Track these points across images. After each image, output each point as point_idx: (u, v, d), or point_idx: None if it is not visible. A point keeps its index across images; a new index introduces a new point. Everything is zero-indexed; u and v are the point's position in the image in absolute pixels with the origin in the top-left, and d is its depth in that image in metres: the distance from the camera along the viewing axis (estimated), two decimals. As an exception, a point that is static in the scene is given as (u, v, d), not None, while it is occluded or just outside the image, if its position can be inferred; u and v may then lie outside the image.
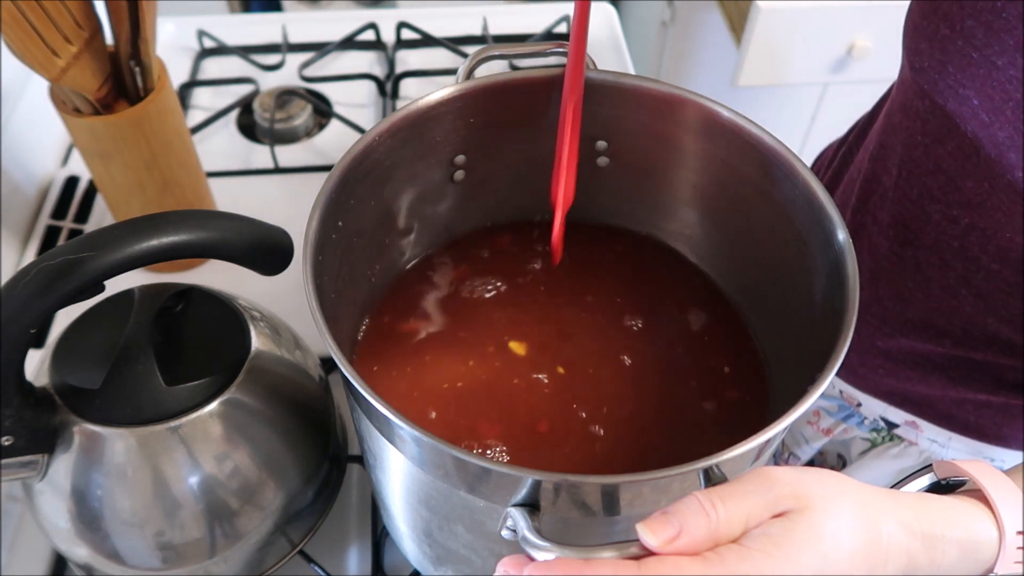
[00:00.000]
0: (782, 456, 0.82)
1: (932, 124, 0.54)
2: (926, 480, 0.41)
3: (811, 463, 0.82)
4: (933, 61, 0.51)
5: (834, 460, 0.79)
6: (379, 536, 0.58)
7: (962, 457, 0.67)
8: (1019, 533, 0.37)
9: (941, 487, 0.41)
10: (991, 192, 0.51)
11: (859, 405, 0.71)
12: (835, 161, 0.73)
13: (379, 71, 0.95)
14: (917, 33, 0.53)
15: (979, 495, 0.38)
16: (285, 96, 0.87)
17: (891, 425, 0.70)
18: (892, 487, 0.40)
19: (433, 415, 0.50)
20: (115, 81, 0.62)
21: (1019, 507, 0.37)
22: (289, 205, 0.79)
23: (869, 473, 0.73)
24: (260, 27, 0.99)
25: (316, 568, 0.56)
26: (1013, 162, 0.48)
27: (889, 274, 0.61)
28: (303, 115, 0.87)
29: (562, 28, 0.99)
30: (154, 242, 0.41)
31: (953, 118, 0.51)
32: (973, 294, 0.57)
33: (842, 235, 0.42)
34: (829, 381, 0.37)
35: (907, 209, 0.58)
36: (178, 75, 0.92)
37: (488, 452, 0.48)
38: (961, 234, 0.55)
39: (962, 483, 0.41)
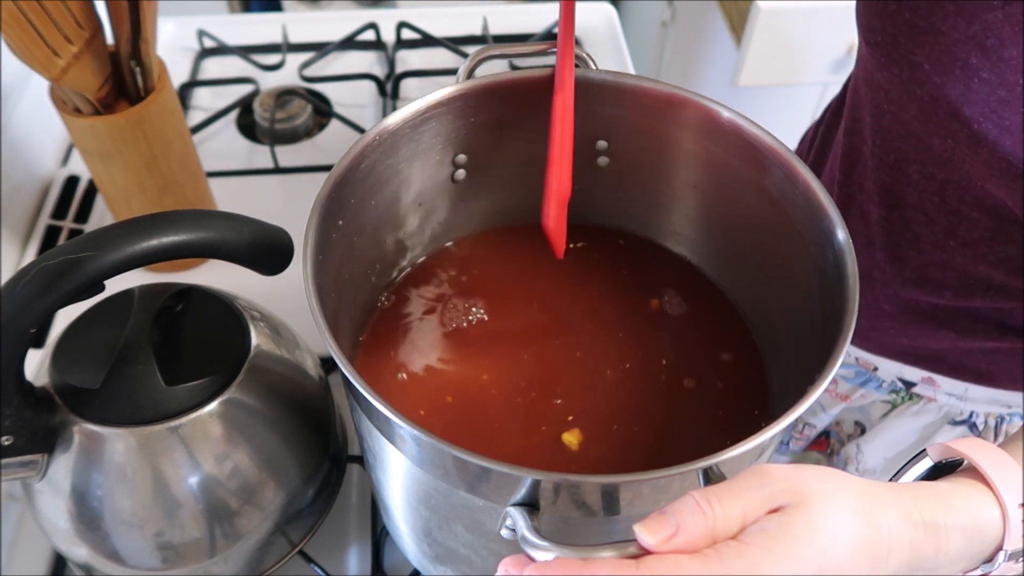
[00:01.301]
0: (796, 427, 0.82)
1: (893, 92, 0.56)
2: (923, 466, 0.41)
3: (826, 433, 0.83)
4: (885, 35, 0.55)
5: (851, 428, 0.80)
6: (379, 536, 0.58)
7: (981, 407, 0.69)
8: (1021, 506, 0.37)
9: (939, 469, 0.41)
10: (955, 147, 0.53)
11: (875, 369, 0.73)
12: (816, 141, 0.76)
13: (379, 71, 0.95)
14: (868, 11, 0.56)
15: (977, 474, 0.38)
16: (285, 96, 0.87)
17: (908, 384, 0.72)
18: (891, 479, 0.40)
19: (432, 414, 0.50)
20: (115, 81, 0.62)
21: (1018, 481, 0.37)
22: (289, 205, 0.79)
23: (892, 434, 0.75)
24: (260, 27, 0.99)
25: (316, 568, 0.56)
26: (968, 115, 0.51)
27: (882, 238, 0.63)
28: (303, 115, 0.87)
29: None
30: (154, 242, 0.41)
31: (910, 84, 0.54)
32: (960, 244, 0.59)
33: (842, 235, 0.42)
34: (829, 381, 0.37)
35: (888, 174, 0.61)
36: (178, 75, 0.92)
37: (486, 452, 0.48)
38: (939, 189, 0.57)
39: (960, 463, 0.40)
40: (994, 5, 0.48)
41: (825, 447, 0.85)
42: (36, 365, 0.49)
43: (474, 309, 0.56)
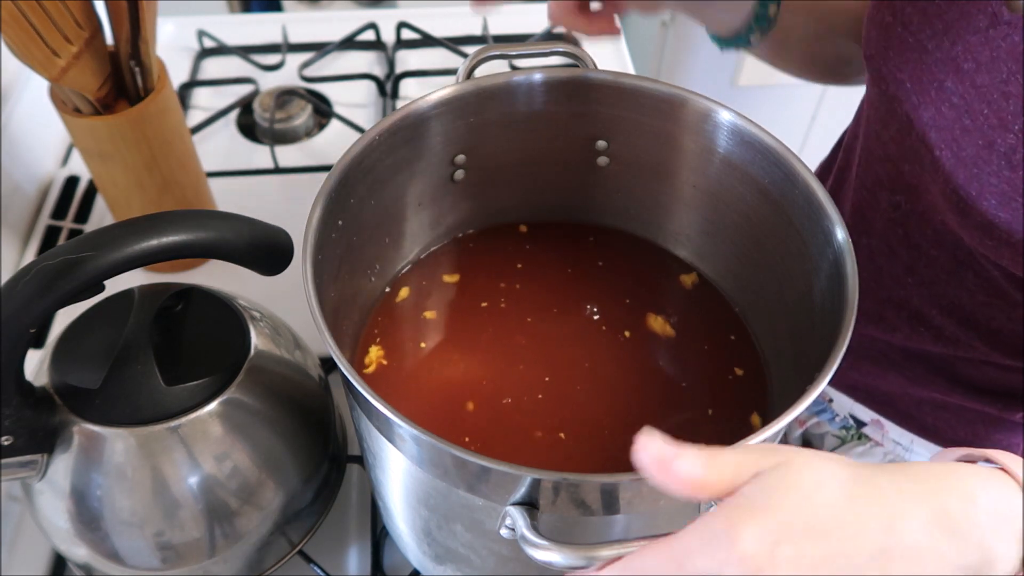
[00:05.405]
0: None
1: (881, 110, 0.56)
2: None
3: None
4: (879, 47, 0.54)
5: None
6: (379, 536, 0.58)
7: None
8: None
9: None
10: (921, 173, 0.53)
11: (830, 400, 0.72)
12: (833, 151, 0.75)
13: (379, 71, 0.95)
14: (869, 23, 0.56)
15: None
16: (285, 96, 0.87)
17: (859, 423, 0.71)
18: None
19: (432, 414, 0.50)
20: (115, 81, 0.62)
21: None
22: (289, 205, 0.79)
23: None
24: (260, 27, 0.99)
25: (316, 568, 0.56)
26: (934, 141, 0.50)
27: None
28: (303, 115, 0.87)
29: (562, 28, 0.99)
30: (154, 242, 0.41)
31: (892, 102, 0.54)
32: (917, 283, 0.58)
33: (841, 235, 0.42)
34: (828, 380, 0.37)
35: (863, 197, 0.60)
36: (178, 75, 0.92)
37: (486, 452, 0.48)
38: (903, 220, 0.57)
39: None
40: (979, 27, 0.47)
41: None
42: (36, 365, 0.49)
43: (473, 309, 0.56)
